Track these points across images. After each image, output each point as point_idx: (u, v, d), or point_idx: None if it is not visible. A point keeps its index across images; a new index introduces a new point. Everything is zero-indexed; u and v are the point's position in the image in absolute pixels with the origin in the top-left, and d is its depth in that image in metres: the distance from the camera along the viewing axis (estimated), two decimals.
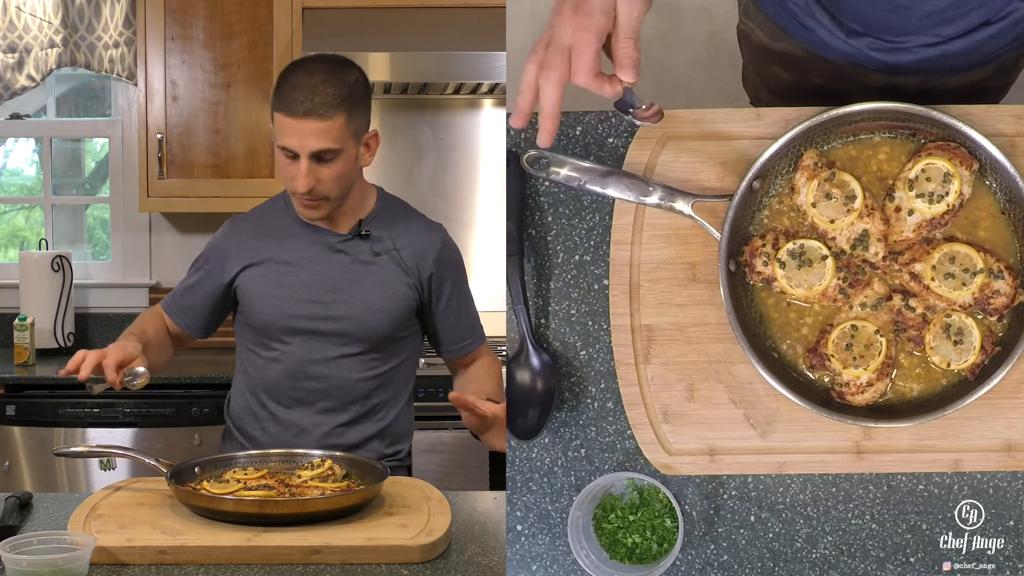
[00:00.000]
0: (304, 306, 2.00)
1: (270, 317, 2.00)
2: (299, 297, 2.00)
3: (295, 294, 2.00)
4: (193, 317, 2.08)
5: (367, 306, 2.00)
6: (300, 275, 2.01)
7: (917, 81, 1.41)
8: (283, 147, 1.92)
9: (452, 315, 2.08)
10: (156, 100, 3.34)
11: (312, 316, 1.99)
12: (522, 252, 1.34)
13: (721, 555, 1.32)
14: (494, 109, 3.67)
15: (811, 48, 1.45)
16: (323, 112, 1.89)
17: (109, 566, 1.45)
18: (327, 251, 2.02)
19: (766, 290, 1.31)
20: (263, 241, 2.05)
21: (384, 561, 1.48)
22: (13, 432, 3.08)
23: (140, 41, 3.34)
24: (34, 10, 3.38)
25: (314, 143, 1.90)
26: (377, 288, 2.01)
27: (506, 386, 1.34)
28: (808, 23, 1.42)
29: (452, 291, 2.08)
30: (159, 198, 3.37)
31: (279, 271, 2.02)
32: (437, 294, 2.06)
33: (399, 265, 2.03)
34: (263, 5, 3.33)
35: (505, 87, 3.38)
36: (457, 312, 2.09)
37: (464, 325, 2.10)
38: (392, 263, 2.03)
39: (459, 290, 2.10)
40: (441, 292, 2.06)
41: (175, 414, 3.08)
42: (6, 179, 3.92)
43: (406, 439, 2.12)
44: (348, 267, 2.02)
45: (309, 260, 2.02)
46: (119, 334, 3.74)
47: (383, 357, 2.03)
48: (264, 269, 2.03)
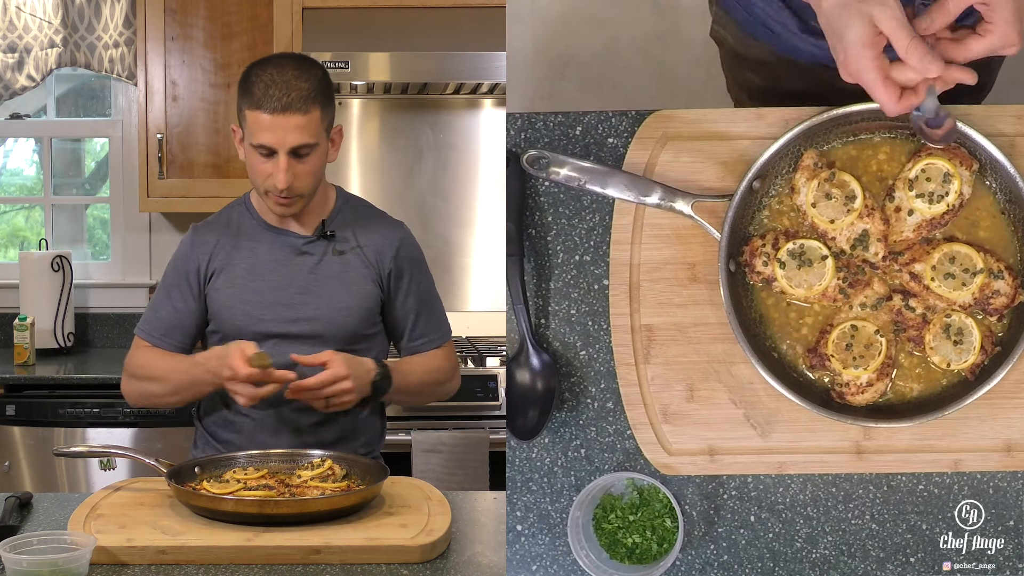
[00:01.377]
0: (273, 309, 1.99)
1: (240, 323, 1.99)
2: (267, 301, 2.00)
3: (263, 298, 2.00)
4: (183, 337, 2.04)
5: (334, 305, 2.01)
6: (266, 279, 2.01)
7: None
8: (259, 145, 1.91)
9: (410, 311, 2.08)
10: (156, 100, 3.34)
11: (281, 319, 1.99)
12: (522, 252, 1.34)
13: (721, 555, 1.32)
14: (494, 109, 3.67)
15: (780, 52, 1.45)
16: (300, 106, 1.90)
17: (109, 566, 1.45)
18: (292, 253, 2.03)
19: (766, 290, 1.31)
20: (228, 248, 2.04)
21: (384, 561, 1.48)
22: (13, 432, 3.08)
23: (140, 41, 3.34)
24: (34, 10, 3.38)
25: (293, 138, 1.90)
26: (343, 287, 2.02)
27: (506, 386, 1.34)
28: (775, 28, 1.42)
29: (409, 287, 2.07)
30: (159, 198, 3.37)
31: (245, 276, 2.02)
32: (395, 289, 2.06)
33: (363, 262, 2.04)
34: (263, 5, 3.33)
35: (505, 87, 3.38)
36: (416, 309, 2.08)
37: (423, 323, 2.09)
38: (357, 260, 2.04)
39: (418, 287, 2.09)
40: (399, 287, 2.07)
41: (175, 414, 3.07)
42: (6, 179, 3.92)
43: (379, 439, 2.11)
44: (314, 268, 2.02)
45: (275, 263, 2.02)
46: (119, 334, 3.77)
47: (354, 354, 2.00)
48: (230, 276, 2.02)
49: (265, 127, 1.90)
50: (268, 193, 1.96)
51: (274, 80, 1.90)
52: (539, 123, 1.36)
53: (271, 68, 1.93)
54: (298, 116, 1.90)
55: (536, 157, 1.32)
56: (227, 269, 2.02)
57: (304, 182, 1.95)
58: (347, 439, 2.02)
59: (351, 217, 2.08)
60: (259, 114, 1.90)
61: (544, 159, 1.32)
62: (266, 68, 1.94)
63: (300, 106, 1.89)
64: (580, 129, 1.36)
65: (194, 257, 2.05)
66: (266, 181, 1.94)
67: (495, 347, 3.26)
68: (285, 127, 1.89)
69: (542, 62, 2.73)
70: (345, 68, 3.17)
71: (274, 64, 1.95)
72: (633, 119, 1.35)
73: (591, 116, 1.36)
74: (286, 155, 1.91)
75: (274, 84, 1.90)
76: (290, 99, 1.89)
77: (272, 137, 1.90)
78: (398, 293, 2.07)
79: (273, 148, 1.91)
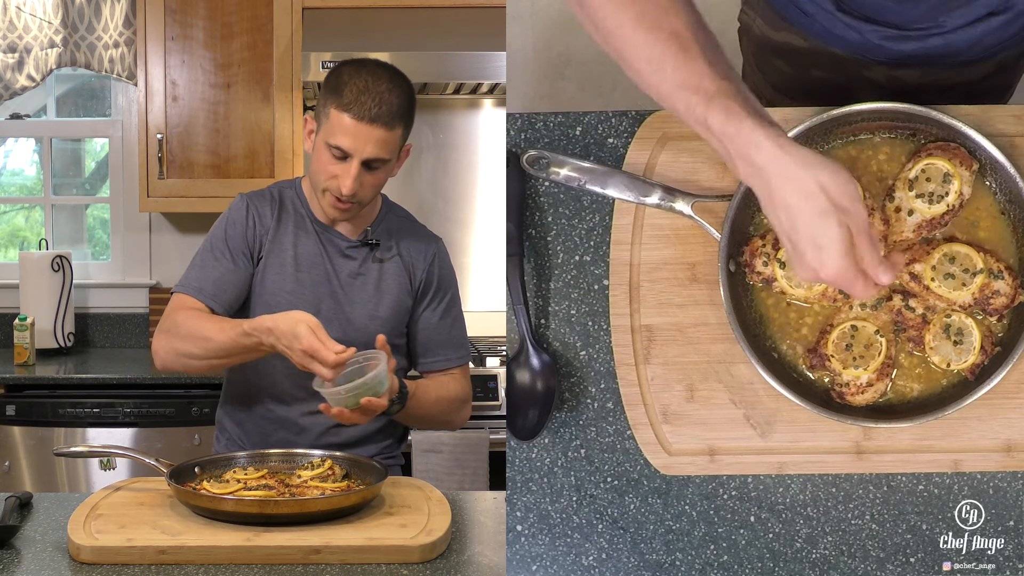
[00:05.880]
0: (313, 305, 1.99)
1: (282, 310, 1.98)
2: (310, 295, 2.00)
3: (306, 291, 2.00)
4: (235, 299, 1.99)
5: (368, 312, 2.02)
6: (312, 272, 2.01)
7: (918, 74, 1.41)
8: (335, 146, 1.91)
9: (432, 326, 2.09)
10: (156, 100, 3.34)
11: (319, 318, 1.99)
12: (522, 252, 1.34)
13: (721, 555, 1.32)
14: (494, 109, 3.67)
15: (812, 38, 1.45)
16: (388, 121, 1.90)
17: (109, 566, 1.45)
18: (337, 254, 2.04)
19: (766, 290, 1.31)
20: (277, 228, 2.03)
21: (384, 561, 1.48)
22: (13, 432, 3.08)
23: (140, 41, 3.34)
24: (34, 10, 3.38)
25: (371, 150, 1.90)
26: (379, 296, 2.03)
27: (506, 386, 1.34)
28: (810, 9, 1.41)
29: (432, 302, 2.08)
30: (159, 198, 3.37)
31: (294, 265, 2.01)
32: (421, 302, 2.08)
33: (400, 273, 2.06)
34: (263, 5, 3.33)
35: (505, 87, 3.38)
36: (437, 325, 2.09)
37: (443, 340, 2.09)
38: (394, 270, 2.05)
39: (443, 303, 2.10)
40: (426, 301, 2.08)
41: (175, 414, 3.07)
42: (6, 179, 3.92)
43: (401, 438, 2.14)
44: (355, 273, 2.03)
45: (322, 259, 2.02)
46: (119, 334, 3.77)
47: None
48: (281, 260, 2.01)
49: (348, 131, 1.89)
50: (326, 192, 1.96)
51: (368, 88, 1.89)
52: (539, 123, 1.36)
53: (366, 74, 1.91)
54: (382, 130, 1.90)
55: (536, 157, 1.32)
56: (276, 252, 2.01)
57: (366, 192, 1.96)
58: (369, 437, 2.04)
59: (393, 226, 2.09)
60: (344, 116, 1.89)
61: (544, 159, 1.32)
62: (360, 72, 1.92)
63: (387, 120, 1.89)
64: (580, 129, 1.36)
65: (251, 225, 2.02)
66: (330, 181, 1.94)
67: (495, 347, 3.27)
68: (367, 137, 1.89)
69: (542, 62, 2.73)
70: None
71: (369, 71, 1.93)
72: (633, 119, 1.35)
73: (591, 116, 1.36)
74: (359, 164, 1.91)
75: (367, 92, 1.89)
76: (380, 111, 1.88)
77: (351, 143, 1.89)
78: (424, 307, 2.08)
79: (349, 153, 1.90)
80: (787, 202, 1.09)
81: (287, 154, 3.35)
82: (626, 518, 1.33)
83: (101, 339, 3.69)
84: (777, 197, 1.10)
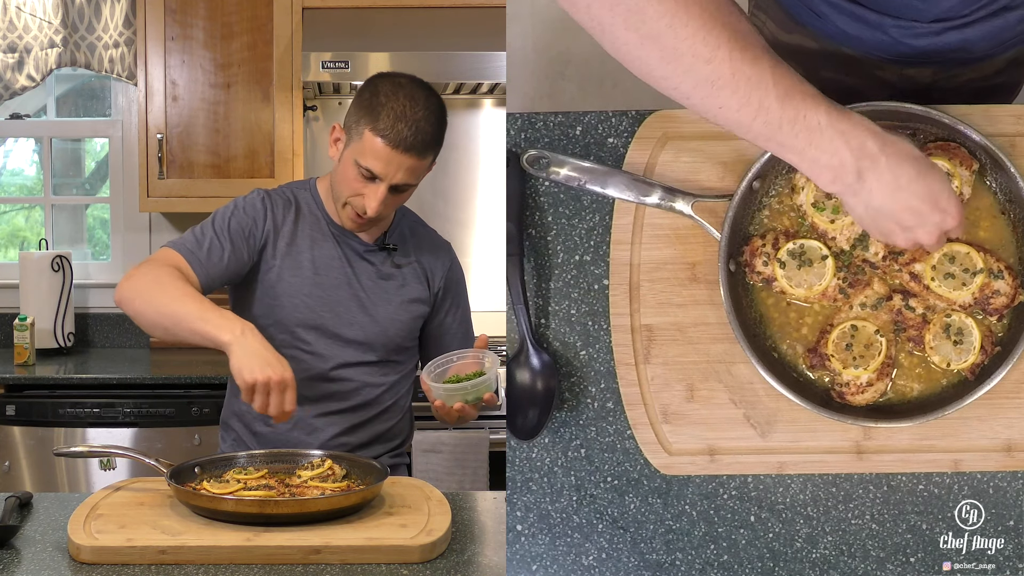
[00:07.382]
0: (332, 308, 2.00)
1: (300, 314, 1.99)
2: (328, 298, 2.00)
3: (325, 294, 2.00)
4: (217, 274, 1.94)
5: (388, 315, 2.03)
6: (331, 275, 2.01)
7: (930, 72, 1.40)
8: (365, 168, 1.90)
9: (446, 332, 2.12)
10: (156, 100, 3.34)
11: (337, 319, 2.00)
12: (522, 252, 1.34)
13: (721, 555, 1.32)
14: (494, 109, 3.67)
15: (824, 38, 1.44)
16: (421, 151, 1.90)
17: (109, 566, 1.45)
18: (356, 257, 2.04)
19: (766, 290, 1.31)
20: (291, 229, 2.02)
21: (384, 561, 1.48)
22: (13, 432, 3.08)
23: (140, 41, 3.34)
24: (34, 10, 3.38)
25: (402, 176, 1.90)
26: (398, 299, 2.04)
27: (506, 386, 1.34)
28: (822, 10, 1.41)
29: (451, 308, 2.12)
30: (159, 198, 3.37)
31: (311, 269, 2.01)
32: (438, 308, 2.10)
33: (417, 278, 2.07)
34: (263, 5, 3.33)
35: (505, 87, 3.38)
36: (451, 330, 2.12)
37: (455, 346, 2.09)
38: (411, 275, 2.07)
39: (457, 309, 2.13)
40: (442, 307, 2.11)
41: (175, 414, 3.07)
42: (6, 179, 3.92)
43: (408, 437, 2.16)
44: (374, 276, 2.04)
45: (340, 262, 2.03)
46: (119, 334, 3.77)
47: (395, 364, 2.07)
48: (296, 263, 2.00)
49: (380, 156, 1.88)
50: (347, 206, 1.96)
51: (405, 115, 1.87)
52: (539, 123, 1.36)
53: (403, 97, 1.89)
54: (415, 159, 1.90)
55: (536, 157, 1.32)
56: (292, 255, 2.00)
57: (388, 210, 1.97)
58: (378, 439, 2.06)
59: (408, 232, 2.10)
60: (378, 141, 1.88)
61: (544, 159, 1.32)
62: (398, 94, 1.89)
63: (420, 150, 1.89)
64: (580, 129, 1.36)
65: (262, 220, 2.00)
66: (354, 198, 1.94)
67: (495, 347, 3.25)
68: (399, 164, 1.89)
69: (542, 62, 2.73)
70: (345, 68, 3.17)
71: (407, 93, 1.90)
72: (633, 119, 1.35)
73: (591, 116, 1.36)
74: (387, 188, 1.91)
75: (404, 119, 1.87)
76: (415, 141, 1.88)
77: (382, 168, 1.89)
78: (439, 312, 2.11)
79: (379, 177, 1.90)
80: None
81: (287, 154, 3.35)
82: (626, 518, 1.33)
83: (101, 339, 3.69)
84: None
